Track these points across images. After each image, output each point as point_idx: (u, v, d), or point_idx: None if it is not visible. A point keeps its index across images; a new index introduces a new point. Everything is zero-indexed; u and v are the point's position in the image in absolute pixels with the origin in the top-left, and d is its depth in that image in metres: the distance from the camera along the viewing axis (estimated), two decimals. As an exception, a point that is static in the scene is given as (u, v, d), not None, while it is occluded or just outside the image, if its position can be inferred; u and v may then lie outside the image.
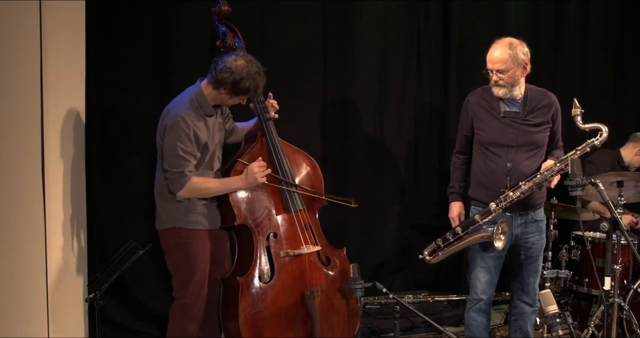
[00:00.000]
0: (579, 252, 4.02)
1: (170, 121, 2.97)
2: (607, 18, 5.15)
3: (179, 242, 3.05)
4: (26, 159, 3.07)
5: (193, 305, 3.07)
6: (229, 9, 3.42)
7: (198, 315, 3.09)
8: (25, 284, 3.07)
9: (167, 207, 3.05)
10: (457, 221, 3.41)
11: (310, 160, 3.43)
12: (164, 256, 3.15)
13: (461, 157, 3.47)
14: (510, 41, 3.14)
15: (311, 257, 3.28)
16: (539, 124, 3.22)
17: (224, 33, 3.39)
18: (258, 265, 3.13)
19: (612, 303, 3.19)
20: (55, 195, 3.26)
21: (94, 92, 3.76)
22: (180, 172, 2.94)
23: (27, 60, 3.05)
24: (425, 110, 4.69)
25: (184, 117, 2.95)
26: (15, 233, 2.96)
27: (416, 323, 4.23)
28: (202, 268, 3.08)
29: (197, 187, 3.00)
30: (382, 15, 4.48)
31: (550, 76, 4.96)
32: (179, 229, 3.04)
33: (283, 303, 3.16)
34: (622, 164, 4.39)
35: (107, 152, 3.90)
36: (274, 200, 3.23)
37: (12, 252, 2.92)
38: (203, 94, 3.06)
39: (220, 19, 3.42)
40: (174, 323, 3.10)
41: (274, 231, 3.21)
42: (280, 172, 3.23)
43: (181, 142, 2.93)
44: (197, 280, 3.06)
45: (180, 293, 3.08)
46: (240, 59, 2.98)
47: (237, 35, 3.41)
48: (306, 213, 3.30)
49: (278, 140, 3.28)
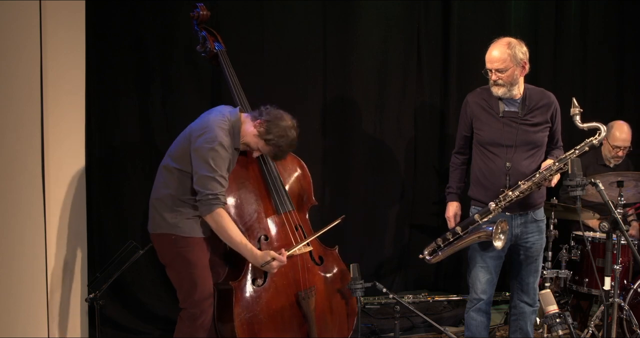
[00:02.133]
0: (579, 252, 4.01)
1: (209, 142, 2.92)
2: (607, 18, 5.15)
3: (177, 251, 3.01)
4: (26, 159, 3.07)
5: (201, 314, 3.03)
6: (208, 13, 3.43)
7: (207, 324, 3.06)
8: (25, 284, 3.07)
9: (163, 214, 3.01)
10: (453, 221, 3.41)
11: (298, 161, 3.43)
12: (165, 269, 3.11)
13: (460, 157, 3.48)
14: (508, 41, 3.14)
15: (304, 258, 3.27)
16: (538, 124, 3.23)
17: (203, 37, 3.40)
18: (250, 269, 3.11)
19: (612, 303, 3.19)
20: (55, 195, 3.26)
21: (94, 91, 3.77)
22: (215, 194, 2.90)
23: (27, 60, 3.05)
24: (425, 110, 4.70)
25: (223, 143, 2.93)
26: (15, 234, 2.96)
27: (416, 323, 4.22)
28: (203, 275, 3.04)
29: (221, 224, 2.94)
30: (382, 15, 4.48)
31: (550, 76, 4.96)
32: (175, 238, 3.00)
33: (278, 305, 3.15)
34: (601, 162, 4.36)
35: (107, 151, 3.90)
36: (264, 202, 3.22)
37: (12, 252, 2.93)
38: (239, 128, 3.05)
39: (200, 24, 3.43)
40: (182, 331, 3.06)
41: (265, 233, 3.19)
42: (269, 176, 3.23)
43: (218, 167, 2.91)
44: (201, 288, 3.02)
45: (187, 304, 3.04)
46: (289, 121, 3.07)
47: (217, 40, 3.41)
48: (296, 214, 3.30)
49: None
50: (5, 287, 2.87)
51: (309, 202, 3.43)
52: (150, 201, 3.08)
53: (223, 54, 3.37)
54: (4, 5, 2.81)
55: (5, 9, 2.83)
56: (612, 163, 4.32)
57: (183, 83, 3.98)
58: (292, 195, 3.31)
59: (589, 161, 4.30)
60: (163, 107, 3.96)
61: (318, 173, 3.46)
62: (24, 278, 3.05)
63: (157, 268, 3.95)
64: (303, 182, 3.41)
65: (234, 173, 3.12)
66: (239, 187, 3.16)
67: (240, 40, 4.03)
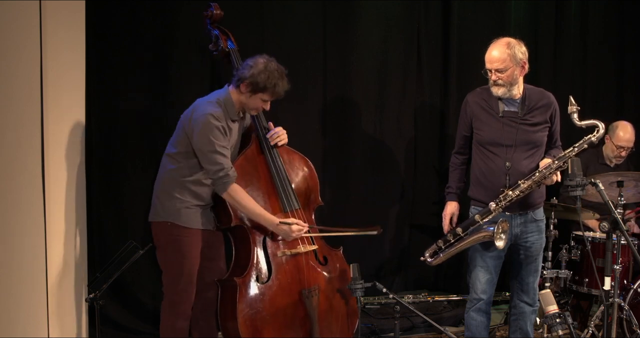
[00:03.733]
0: (579, 252, 4.02)
1: (199, 117, 2.97)
2: (607, 18, 5.15)
3: (170, 238, 3.06)
4: (26, 159, 3.07)
5: (182, 302, 3.08)
6: (221, 12, 3.43)
7: (187, 312, 3.10)
8: (25, 284, 3.07)
9: (165, 202, 3.06)
10: (448, 219, 3.41)
11: (306, 161, 3.43)
12: (156, 250, 3.16)
13: (460, 157, 3.48)
14: (508, 41, 3.15)
15: (308, 257, 3.28)
16: (537, 124, 3.23)
17: (216, 36, 3.40)
18: (255, 266, 3.13)
19: (612, 303, 3.19)
20: (55, 195, 3.26)
21: (94, 92, 3.77)
22: (220, 170, 2.95)
23: (27, 60, 3.05)
24: (425, 110, 4.69)
25: (212, 113, 2.96)
26: (15, 234, 2.96)
27: (416, 323, 4.23)
28: (191, 266, 3.08)
29: (237, 199, 3.00)
30: (382, 15, 4.48)
31: (550, 76, 4.96)
32: (171, 225, 3.04)
33: (281, 303, 3.16)
34: (602, 162, 4.36)
35: (107, 151, 3.90)
36: (271, 200, 3.23)
37: (12, 252, 2.93)
38: (230, 98, 3.08)
39: (213, 23, 3.43)
40: (164, 320, 3.12)
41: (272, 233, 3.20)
42: (277, 173, 3.23)
43: (215, 137, 2.94)
44: (186, 278, 3.07)
45: (170, 290, 3.09)
46: (261, 58, 3.04)
47: (229, 39, 3.42)
48: (302, 212, 3.30)
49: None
50: (5, 287, 2.87)
51: (315, 202, 3.43)
52: (153, 191, 3.14)
53: (235, 52, 3.38)
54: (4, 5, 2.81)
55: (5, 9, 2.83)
56: (614, 162, 4.33)
57: (183, 83, 3.98)
58: (298, 194, 3.32)
59: (589, 160, 4.31)
60: (163, 107, 3.96)
61: (318, 173, 3.46)
62: (24, 278, 3.05)
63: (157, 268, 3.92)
64: (310, 182, 3.41)
65: (242, 171, 3.14)
66: (247, 185, 3.16)
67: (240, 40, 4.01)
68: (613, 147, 4.27)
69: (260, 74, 2.99)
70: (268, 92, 3.05)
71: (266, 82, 3.00)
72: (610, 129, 4.29)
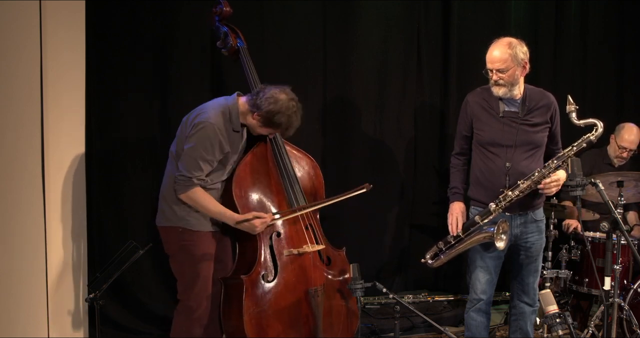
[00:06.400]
0: (579, 252, 4.02)
1: (200, 123, 2.95)
2: (607, 18, 5.15)
3: (183, 244, 3.04)
4: (26, 159, 3.07)
5: (198, 308, 3.07)
6: (230, 9, 3.43)
7: (203, 318, 3.09)
8: (25, 284, 3.07)
9: (173, 207, 3.04)
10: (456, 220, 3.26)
11: (311, 160, 3.45)
12: (168, 258, 3.14)
13: (461, 158, 3.45)
14: (509, 41, 3.14)
15: (314, 256, 3.29)
16: (537, 124, 3.22)
17: (225, 34, 3.39)
18: (262, 264, 3.14)
19: (612, 303, 3.19)
20: (55, 195, 3.27)
21: (94, 91, 3.76)
22: (189, 178, 2.93)
23: (27, 60, 3.05)
24: (425, 110, 4.69)
25: (214, 124, 2.95)
26: (15, 233, 2.96)
27: (416, 323, 4.23)
28: (206, 270, 3.07)
29: (196, 200, 2.98)
30: (382, 15, 4.48)
31: (550, 76, 4.96)
32: (182, 231, 3.03)
33: (286, 302, 3.17)
34: (607, 161, 4.37)
35: (107, 152, 3.90)
36: (277, 199, 3.24)
37: (12, 252, 2.93)
38: (237, 109, 3.06)
39: (222, 20, 3.43)
40: (178, 325, 3.09)
41: (278, 230, 3.22)
42: (285, 172, 3.24)
43: (204, 149, 2.93)
44: (202, 283, 3.06)
45: (185, 296, 3.07)
46: (284, 94, 3.00)
47: (238, 36, 3.42)
48: (308, 212, 3.31)
49: (281, 140, 3.30)
50: (5, 287, 2.87)
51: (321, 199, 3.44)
52: (160, 193, 3.12)
53: (244, 50, 3.38)
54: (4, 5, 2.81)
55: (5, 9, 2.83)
56: (616, 163, 4.35)
57: (183, 83, 3.98)
58: (305, 191, 3.33)
59: (595, 160, 4.33)
60: (163, 107, 3.96)
61: (318, 173, 3.48)
62: (24, 278, 3.05)
63: (157, 268, 3.95)
64: (315, 181, 3.44)
65: (251, 167, 3.15)
66: (254, 182, 3.18)
67: (240, 40, 4.03)
68: (616, 147, 4.29)
69: (278, 115, 2.98)
70: (279, 130, 3.09)
71: (281, 123, 3.00)
72: (616, 129, 4.32)
